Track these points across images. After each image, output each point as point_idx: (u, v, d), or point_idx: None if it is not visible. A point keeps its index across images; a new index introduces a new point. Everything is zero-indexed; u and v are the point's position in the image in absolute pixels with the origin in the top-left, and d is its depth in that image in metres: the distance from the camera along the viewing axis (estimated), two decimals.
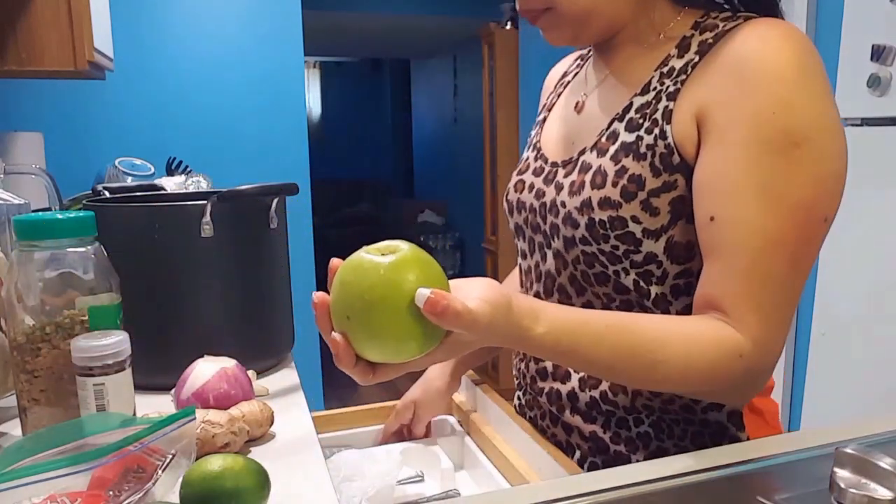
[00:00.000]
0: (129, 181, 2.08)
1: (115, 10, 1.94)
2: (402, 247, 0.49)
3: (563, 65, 0.89)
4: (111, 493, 0.51)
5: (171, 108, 2.63)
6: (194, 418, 0.57)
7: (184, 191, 1.58)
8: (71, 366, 0.62)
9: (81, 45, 1.53)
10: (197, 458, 0.57)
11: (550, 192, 0.71)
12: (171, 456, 0.54)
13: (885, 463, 0.45)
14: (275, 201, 0.91)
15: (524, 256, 0.79)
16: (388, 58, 7.39)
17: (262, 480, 0.56)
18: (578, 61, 0.84)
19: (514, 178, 0.79)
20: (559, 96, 0.82)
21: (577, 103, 0.75)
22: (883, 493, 0.44)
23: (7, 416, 0.76)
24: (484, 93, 4.05)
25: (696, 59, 0.62)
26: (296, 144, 2.80)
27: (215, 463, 0.54)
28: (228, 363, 0.77)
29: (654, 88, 0.64)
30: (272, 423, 0.74)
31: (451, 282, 0.51)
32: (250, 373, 0.81)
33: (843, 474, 0.47)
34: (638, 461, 0.69)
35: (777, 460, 0.58)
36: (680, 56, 0.64)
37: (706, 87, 0.60)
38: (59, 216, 0.64)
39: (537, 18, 0.68)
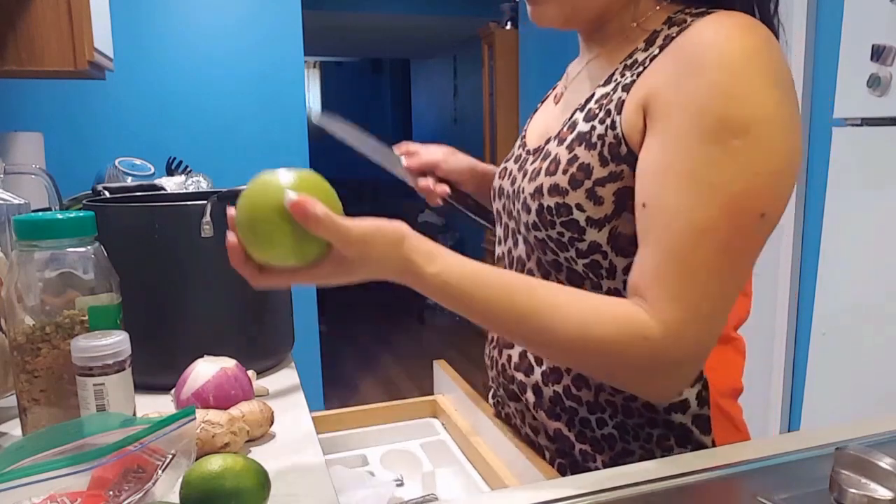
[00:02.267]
0: (129, 181, 2.08)
1: (115, 10, 1.95)
2: (306, 172, 0.55)
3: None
4: (111, 493, 0.51)
5: (171, 108, 2.63)
6: (194, 418, 0.57)
7: (184, 191, 1.58)
8: (71, 366, 0.62)
9: (81, 45, 1.53)
10: (197, 458, 0.57)
11: (518, 178, 0.72)
12: (171, 456, 0.54)
13: (885, 463, 0.45)
14: None
15: (499, 242, 0.80)
16: (388, 58, 7.40)
17: (262, 480, 0.56)
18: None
19: (501, 166, 0.81)
20: (553, 89, 0.84)
21: (557, 95, 0.78)
22: (883, 493, 0.44)
23: (7, 416, 0.76)
24: (484, 93, 4.05)
25: (657, 52, 0.61)
26: (296, 144, 2.80)
27: (215, 463, 0.54)
28: (228, 363, 0.77)
29: (615, 80, 0.64)
30: (272, 423, 0.74)
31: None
32: (250, 373, 0.81)
33: (843, 474, 0.47)
34: (603, 462, 0.68)
35: (777, 460, 0.58)
36: (645, 50, 0.63)
37: (656, 76, 0.59)
38: (59, 216, 0.64)
39: None
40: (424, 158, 0.89)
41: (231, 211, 0.55)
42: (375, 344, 4.55)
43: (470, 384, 0.94)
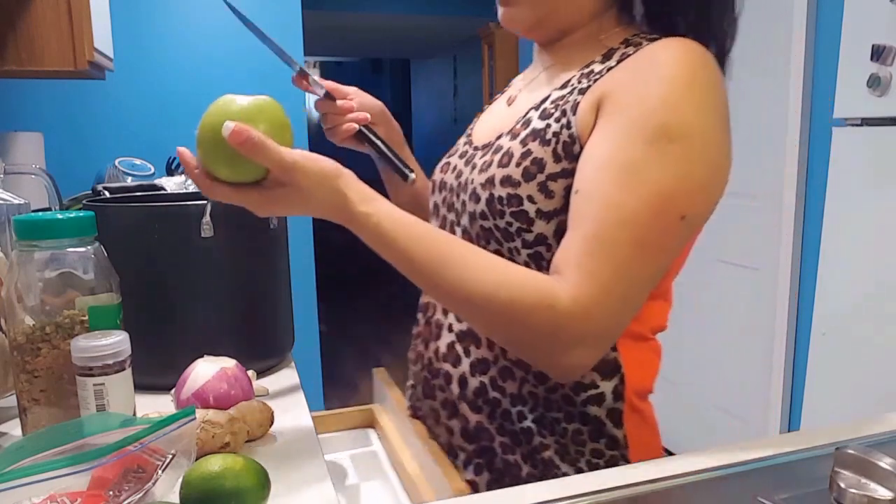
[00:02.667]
0: (129, 181, 2.08)
1: (115, 10, 1.95)
2: (263, 99, 0.61)
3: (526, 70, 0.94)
4: (111, 493, 0.51)
5: (171, 108, 2.63)
6: (194, 418, 0.57)
7: (184, 191, 1.58)
8: (71, 366, 0.62)
9: (81, 45, 1.53)
10: (197, 458, 0.57)
11: (466, 171, 0.74)
12: (171, 456, 0.54)
13: (885, 463, 0.45)
14: None
15: None
16: (388, 58, 7.40)
17: (262, 480, 0.56)
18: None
19: (443, 161, 0.82)
20: (503, 93, 0.87)
21: (510, 97, 0.80)
22: (883, 493, 0.44)
23: (7, 416, 0.76)
24: (484, 93, 4.05)
25: (614, 64, 0.66)
26: (296, 144, 2.80)
27: (215, 463, 0.54)
28: (228, 363, 0.77)
29: (571, 85, 0.68)
30: (272, 423, 0.74)
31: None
32: (250, 373, 0.81)
33: (843, 474, 0.47)
34: (522, 455, 0.70)
35: (777, 460, 0.58)
36: (602, 62, 0.68)
37: (612, 81, 0.64)
38: (59, 216, 0.64)
39: None
40: (334, 85, 0.85)
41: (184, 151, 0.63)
42: (375, 344, 4.55)
43: None
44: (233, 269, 0.90)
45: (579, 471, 0.68)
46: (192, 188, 1.71)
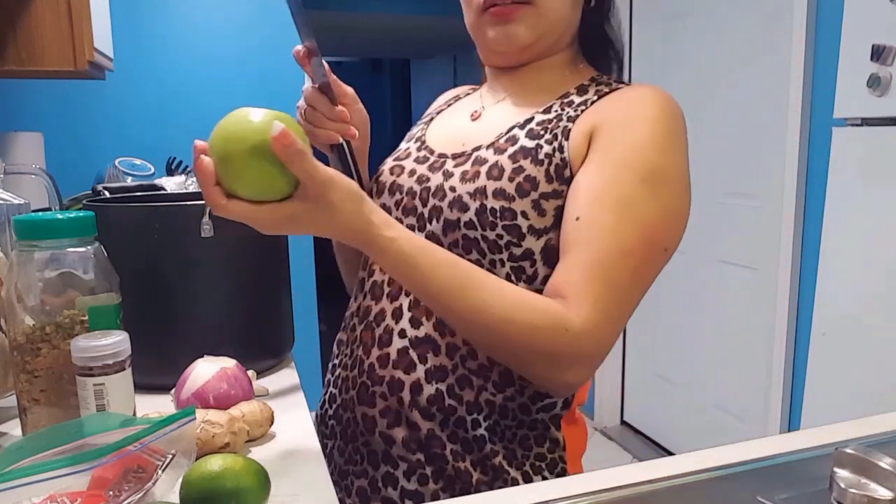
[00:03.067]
0: (129, 181, 2.08)
1: (115, 10, 1.95)
2: (281, 112, 0.59)
3: (456, 90, 0.97)
4: (111, 493, 0.51)
5: (171, 108, 2.63)
6: (194, 418, 0.57)
7: (184, 191, 1.58)
8: (71, 366, 0.62)
9: (81, 45, 1.53)
10: (197, 458, 0.57)
11: (437, 178, 0.74)
12: (171, 456, 0.54)
13: (885, 463, 0.45)
14: None
15: None
16: (388, 58, 7.39)
17: (262, 480, 0.56)
18: (469, 91, 0.92)
19: (391, 163, 0.81)
20: (449, 106, 0.89)
21: (473, 112, 0.81)
22: (883, 493, 0.44)
23: (7, 416, 0.76)
24: None
25: (595, 98, 0.72)
26: None
27: (215, 463, 0.54)
28: (228, 363, 0.77)
29: (556, 111, 0.73)
30: (272, 423, 0.74)
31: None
32: (250, 373, 0.81)
33: (843, 474, 0.47)
34: (472, 462, 0.70)
35: (777, 460, 0.58)
36: (579, 94, 0.74)
37: (601, 114, 0.70)
38: (59, 216, 0.64)
39: (514, 11, 0.72)
40: (337, 80, 0.78)
41: (199, 142, 0.58)
42: None
43: None
44: (233, 269, 0.90)
45: (525, 475, 0.71)
46: (192, 188, 1.72)
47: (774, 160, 2.17)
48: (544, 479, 0.71)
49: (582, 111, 0.71)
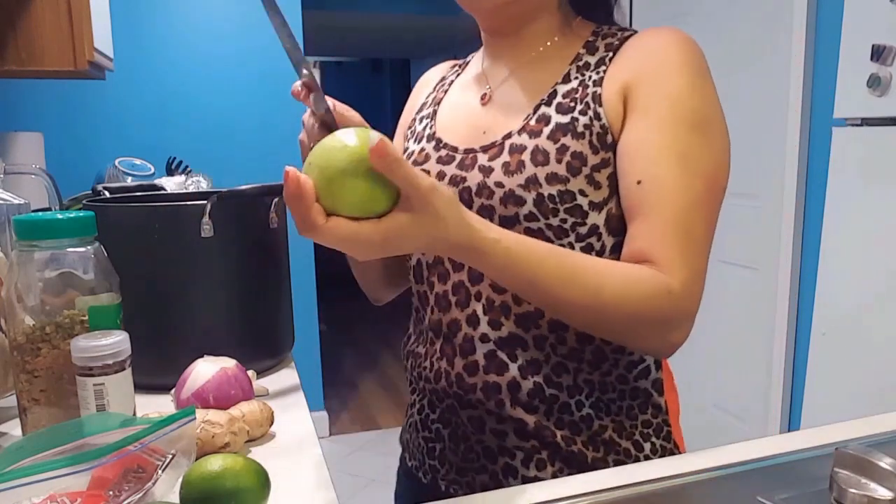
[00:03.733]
0: (129, 181, 2.08)
1: (115, 10, 1.95)
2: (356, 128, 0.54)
3: (438, 71, 0.92)
4: (111, 493, 0.51)
5: (171, 108, 2.63)
6: (194, 418, 0.57)
7: (184, 191, 1.58)
8: (71, 366, 0.62)
9: (81, 45, 1.53)
10: (197, 458, 0.57)
11: (474, 175, 0.71)
12: (171, 456, 0.54)
13: (885, 463, 0.45)
14: (275, 201, 0.91)
15: None
16: (388, 58, 7.39)
17: (262, 480, 0.56)
18: (456, 68, 0.88)
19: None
20: (445, 93, 0.84)
21: (483, 95, 0.77)
22: (883, 493, 0.45)
23: (7, 416, 0.76)
24: None
25: (610, 54, 0.70)
26: (296, 144, 2.79)
27: (215, 463, 0.54)
28: (228, 363, 0.77)
29: (576, 77, 0.71)
30: (272, 423, 0.74)
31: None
32: (250, 373, 0.81)
33: (843, 474, 0.47)
34: (583, 442, 0.71)
35: (777, 460, 0.58)
36: (590, 54, 0.72)
37: (628, 71, 0.68)
38: (59, 216, 0.64)
39: None
40: (340, 107, 0.75)
41: (290, 169, 0.51)
42: (375, 344, 4.56)
43: None
44: (233, 270, 0.90)
45: (636, 444, 0.73)
46: (191, 188, 1.72)
47: (774, 160, 2.18)
48: (652, 444, 0.73)
49: (604, 72, 0.70)
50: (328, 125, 0.68)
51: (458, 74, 0.85)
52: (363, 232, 0.52)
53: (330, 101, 0.70)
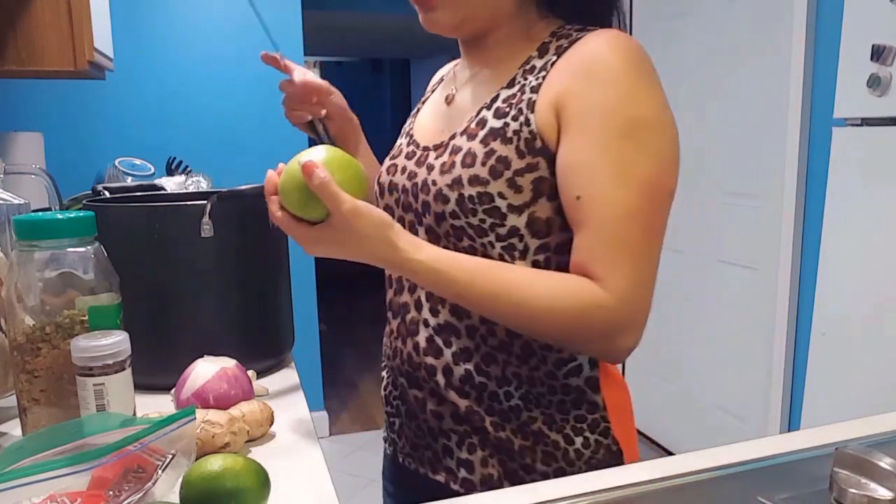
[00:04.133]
0: (129, 181, 2.08)
1: (115, 10, 1.95)
2: (340, 152, 0.66)
3: (443, 69, 0.97)
4: (111, 493, 0.51)
5: (171, 108, 2.63)
6: (194, 418, 0.57)
7: (184, 191, 1.58)
8: (71, 366, 0.62)
9: (81, 45, 1.53)
10: (197, 458, 0.57)
11: (422, 172, 0.76)
12: (171, 456, 0.54)
13: (885, 463, 0.45)
14: None
15: None
16: (388, 58, 7.39)
17: (262, 480, 0.56)
18: (452, 67, 0.91)
19: (387, 163, 0.84)
20: (433, 92, 0.90)
21: (447, 96, 0.82)
22: (883, 493, 0.45)
23: (7, 416, 0.76)
24: None
25: (554, 58, 0.71)
26: (296, 144, 2.80)
27: (215, 463, 0.54)
28: (228, 363, 0.77)
29: (518, 83, 0.72)
30: (272, 423, 0.74)
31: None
32: (250, 373, 0.81)
33: (843, 474, 0.47)
34: (512, 430, 0.74)
35: (777, 460, 0.58)
36: (540, 57, 0.73)
37: (562, 82, 0.69)
38: (59, 216, 0.64)
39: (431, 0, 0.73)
40: (311, 78, 0.90)
41: (271, 171, 0.68)
42: (375, 344, 4.55)
43: None
44: (233, 270, 0.90)
45: (567, 437, 0.74)
46: (191, 188, 1.72)
47: (774, 160, 2.18)
48: (585, 439, 0.74)
49: (543, 77, 0.70)
50: (315, 129, 0.87)
51: (448, 74, 0.90)
52: (299, 230, 0.65)
53: (302, 71, 0.88)
